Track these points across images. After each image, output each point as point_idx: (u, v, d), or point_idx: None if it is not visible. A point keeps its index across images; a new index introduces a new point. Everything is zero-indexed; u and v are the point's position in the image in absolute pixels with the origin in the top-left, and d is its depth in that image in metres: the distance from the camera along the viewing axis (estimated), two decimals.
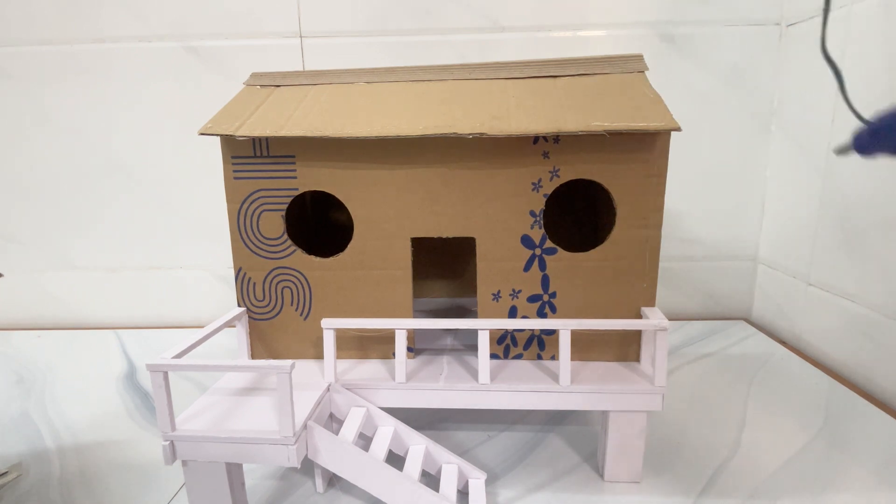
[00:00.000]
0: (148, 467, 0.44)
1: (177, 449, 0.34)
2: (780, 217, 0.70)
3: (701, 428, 0.47)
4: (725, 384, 0.55)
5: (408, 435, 0.40)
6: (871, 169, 0.54)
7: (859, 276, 0.56)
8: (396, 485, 0.35)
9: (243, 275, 0.42)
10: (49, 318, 0.82)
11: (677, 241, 0.74)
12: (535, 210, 0.40)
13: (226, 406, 0.37)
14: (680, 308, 0.76)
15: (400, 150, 0.39)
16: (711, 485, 0.40)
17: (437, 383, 0.40)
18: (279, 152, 0.40)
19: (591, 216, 0.50)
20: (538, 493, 0.39)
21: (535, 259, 0.40)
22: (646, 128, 0.35)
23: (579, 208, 0.51)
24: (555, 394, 0.39)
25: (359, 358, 0.44)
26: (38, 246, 0.79)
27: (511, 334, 0.42)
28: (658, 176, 0.38)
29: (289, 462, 0.33)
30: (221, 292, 0.79)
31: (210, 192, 0.74)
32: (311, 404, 0.36)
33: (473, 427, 0.48)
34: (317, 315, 0.42)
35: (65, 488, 0.42)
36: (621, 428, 0.39)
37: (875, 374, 0.54)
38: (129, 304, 0.80)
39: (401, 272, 0.41)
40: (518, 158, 0.39)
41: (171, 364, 0.33)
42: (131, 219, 0.77)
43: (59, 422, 0.52)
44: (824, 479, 0.40)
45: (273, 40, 0.69)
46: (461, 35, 0.68)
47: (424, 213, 0.40)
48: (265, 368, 0.32)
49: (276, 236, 0.42)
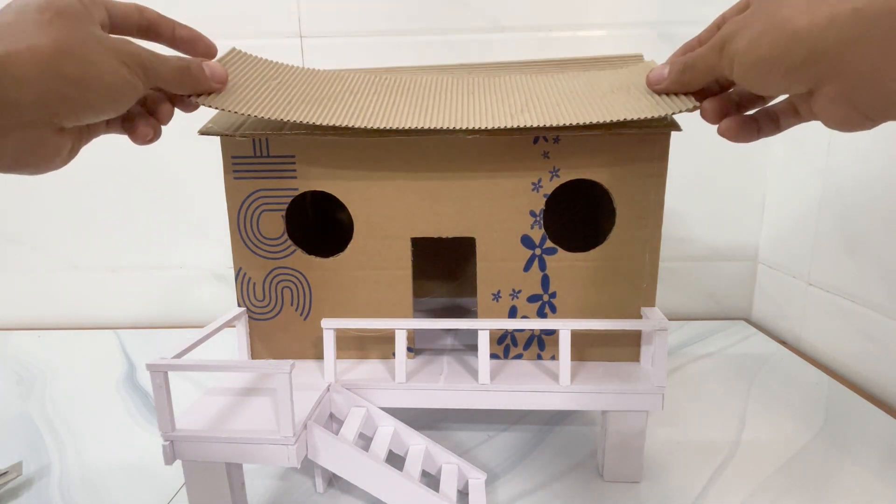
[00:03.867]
0: (148, 467, 0.44)
1: (177, 449, 0.34)
2: (780, 217, 0.70)
3: (701, 428, 0.47)
4: (725, 384, 0.55)
5: (408, 435, 0.40)
6: (871, 169, 0.54)
7: (859, 276, 0.56)
8: (396, 485, 0.35)
9: (243, 275, 0.42)
10: (49, 318, 0.82)
11: (677, 241, 0.74)
12: (535, 210, 0.40)
13: (226, 406, 0.37)
14: (680, 308, 0.76)
15: (400, 150, 0.39)
16: (711, 485, 0.40)
17: (437, 383, 0.40)
18: (279, 152, 0.40)
19: (591, 216, 0.50)
20: (538, 493, 0.39)
21: (535, 259, 0.40)
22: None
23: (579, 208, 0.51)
24: (555, 394, 0.39)
25: (359, 358, 0.44)
26: (38, 246, 0.79)
27: (511, 334, 0.42)
28: (658, 176, 0.38)
29: (289, 462, 0.33)
30: (221, 292, 0.79)
31: (210, 192, 0.74)
32: (311, 404, 0.36)
33: (473, 427, 0.48)
34: (317, 315, 0.42)
35: (65, 488, 0.42)
36: (621, 428, 0.39)
37: (875, 374, 0.54)
38: (129, 304, 0.80)
39: (401, 272, 0.41)
40: (518, 158, 0.39)
41: (171, 364, 0.33)
42: (131, 219, 0.77)
43: (59, 422, 0.52)
44: (824, 479, 0.40)
45: (273, 40, 0.69)
46: (461, 35, 0.68)
47: (424, 213, 0.40)
48: (265, 368, 0.32)
49: (276, 236, 0.42)
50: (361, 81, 0.42)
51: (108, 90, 0.28)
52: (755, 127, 0.33)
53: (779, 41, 0.26)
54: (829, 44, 0.24)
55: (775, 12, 0.26)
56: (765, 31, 0.26)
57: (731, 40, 0.28)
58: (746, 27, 0.28)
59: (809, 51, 0.25)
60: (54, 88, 0.26)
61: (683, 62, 0.33)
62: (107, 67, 0.28)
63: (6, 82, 0.25)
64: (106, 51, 0.28)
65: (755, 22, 0.27)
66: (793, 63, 0.26)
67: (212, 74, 0.35)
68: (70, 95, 0.27)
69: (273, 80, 0.39)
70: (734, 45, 0.28)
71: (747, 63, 0.28)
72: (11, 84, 0.25)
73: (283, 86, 0.38)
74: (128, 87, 0.29)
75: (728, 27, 0.29)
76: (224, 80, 0.35)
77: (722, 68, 0.30)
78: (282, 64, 0.42)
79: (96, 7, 0.30)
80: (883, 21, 0.22)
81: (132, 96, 0.30)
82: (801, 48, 0.25)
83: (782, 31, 0.25)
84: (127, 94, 0.30)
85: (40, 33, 0.26)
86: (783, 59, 0.26)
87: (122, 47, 0.29)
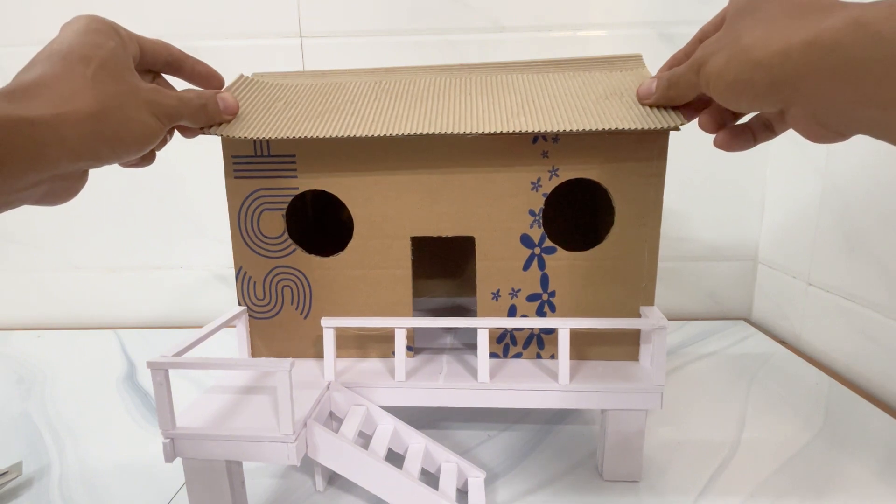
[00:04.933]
0: (148, 467, 0.44)
1: (177, 446, 0.34)
2: (779, 217, 0.70)
3: (701, 428, 0.47)
4: (725, 384, 0.55)
5: (407, 433, 0.40)
6: (871, 169, 0.54)
7: (859, 276, 0.56)
8: (396, 482, 0.35)
9: (244, 274, 0.43)
10: (49, 318, 0.82)
11: (678, 241, 0.74)
12: (535, 209, 0.40)
13: (226, 404, 0.37)
14: (680, 308, 0.76)
15: (400, 150, 0.39)
16: (712, 484, 0.40)
17: (437, 382, 0.40)
18: (280, 152, 0.40)
19: (590, 216, 0.50)
20: (538, 493, 0.39)
21: (534, 258, 0.41)
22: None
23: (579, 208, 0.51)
24: (553, 392, 0.39)
25: (359, 357, 0.44)
26: (38, 246, 0.79)
27: (510, 333, 0.42)
28: (657, 176, 0.38)
29: (288, 460, 0.33)
30: (221, 292, 0.79)
31: (210, 192, 0.75)
32: (310, 402, 0.36)
33: (473, 426, 0.48)
34: (317, 314, 0.42)
35: (65, 488, 0.42)
36: (620, 427, 0.39)
37: (875, 374, 0.54)
38: (129, 304, 0.80)
39: (401, 271, 0.41)
40: (517, 158, 0.39)
41: (172, 362, 0.33)
42: (131, 219, 0.77)
43: (59, 422, 0.52)
44: (824, 479, 0.40)
45: (273, 40, 0.69)
46: (461, 35, 0.68)
47: (424, 212, 0.40)
48: (265, 366, 0.33)
49: (277, 235, 0.42)
50: (362, 88, 0.43)
51: (137, 141, 0.30)
52: (750, 135, 0.34)
53: (744, 69, 0.27)
54: (786, 73, 0.25)
55: (737, 41, 0.28)
56: (731, 59, 0.28)
57: (706, 63, 0.30)
58: (716, 52, 0.29)
59: (771, 78, 0.26)
60: (91, 147, 0.28)
61: (668, 78, 0.34)
62: (139, 122, 0.30)
63: (53, 143, 0.26)
64: (140, 106, 0.30)
65: (722, 49, 0.29)
66: (759, 89, 0.27)
67: (225, 108, 0.38)
68: (103, 153, 0.29)
69: (279, 102, 0.41)
70: (708, 69, 0.30)
71: (721, 86, 0.29)
72: (57, 145, 0.26)
73: (289, 105, 0.41)
74: (154, 137, 0.32)
75: (702, 50, 0.31)
76: (235, 111, 0.38)
77: (701, 87, 0.31)
78: (286, 82, 0.44)
79: (131, 43, 0.32)
80: (832, 55, 0.23)
81: (154, 142, 0.32)
82: (763, 76, 0.26)
83: (746, 61, 0.27)
84: (151, 142, 0.32)
85: (85, 92, 0.28)
86: (750, 85, 0.27)
87: (154, 99, 0.31)
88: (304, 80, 0.44)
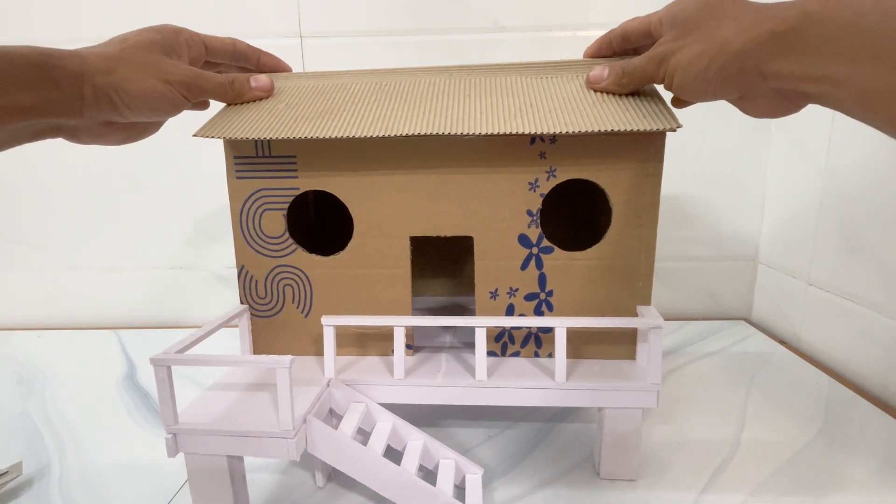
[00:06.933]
0: (148, 467, 0.44)
1: (179, 442, 0.34)
2: (780, 217, 0.70)
3: (701, 427, 0.47)
4: (725, 384, 0.55)
5: (406, 430, 0.40)
6: (871, 169, 0.54)
7: (859, 276, 0.56)
8: (394, 478, 0.35)
9: (245, 273, 0.43)
10: (49, 318, 0.82)
11: (677, 241, 0.74)
12: (533, 209, 0.40)
13: (228, 400, 0.37)
14: (680, 308, 0.76)
15: (399, 151, 0.39)
16: (712, 484, 0.40)
17: (435, 380, 0.40)
18: (281, 152, 0.40)
19: (587, 215, 0.50)
20: (538, 493, 0.40)
21: (532, 258, 0.41)
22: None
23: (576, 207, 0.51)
24: (551, 391, 0.39)
25: (358, 355, 0.44)
26: (38, 246, 0.79)
27: (508, 332, 0.43)
28: (654, 176, 0.39)
29: (288, 455, 0.33)
30: (221, 292, 0.79)
31: (210, 192, 0.75)
32: (310, 399, 0.36)
33: (473, 426, 0.48)
34: (317, 312, 0.43)
35: (65, 488, 0.42)
36: (617, 425, 0.39)
37: (875, 374, 0.54)
38: (129, 304, 0.81)
39: (400, 271, 0.42)
40: (515, 159, 0.39)
41: (175, 358, 0.33)
42: (131, 219, 0.77)
43: (59, 422, 0.52)
44: (824, 479, 0.40)
45: (273, 40, 0.70)
46: (461, 35, 0.69)
47: (423, 212, 0.41)
48: (266, 363, 0.33)
49: (278, 235, 0.42)
50: (362, 89, 0.43)
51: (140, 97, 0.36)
52: None
53: (717, 58, 0.32)
54: (755, 58, 0.30)
55: (713, 35, 0.32)
56: (705, 50, 0.32)
57: (672, 56, 0.34)
58: (686, 46, 0.33)
59: (741, 65, 0.31)
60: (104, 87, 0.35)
61: (622, 68, 0.38)
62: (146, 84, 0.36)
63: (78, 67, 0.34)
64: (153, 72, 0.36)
65: (694, 43, 0.33)
66: (727, 75, 0.32)
67: (258, 86, 0.42)
68: (114, 98, 0.35)
69: (280, 103, 0.42)
70: (675, 60, 0.34)
71: (689, 76, 0.33)
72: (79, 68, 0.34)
73: (290, 106, 0.41)
74: (159, 99, 0.37)
75: (666, 46, 0.35)
76: (269, 89, 0.43)
77: (657, 78, 0.36)
78: (287, 83, 0.45)
79: (195, 44, 0.40)
80: (787, 38, 0.29)
81: (160, 105, 0.37)
82: (734, 63, 0.31)
83: (720, 51, 0.31)
84: (155, 103, 0.37)
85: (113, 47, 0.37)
86: (720, 73, 0.32)
87: (170, 70, 0.37)
88: (305, 82, 0.45)
